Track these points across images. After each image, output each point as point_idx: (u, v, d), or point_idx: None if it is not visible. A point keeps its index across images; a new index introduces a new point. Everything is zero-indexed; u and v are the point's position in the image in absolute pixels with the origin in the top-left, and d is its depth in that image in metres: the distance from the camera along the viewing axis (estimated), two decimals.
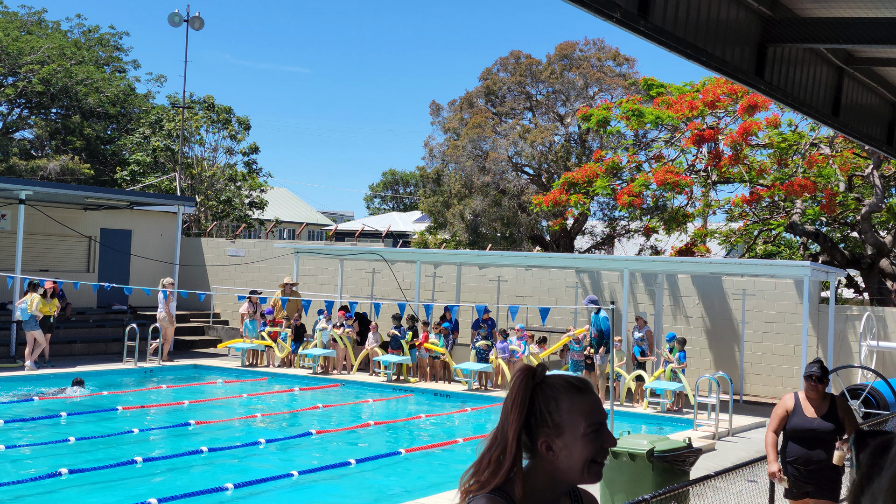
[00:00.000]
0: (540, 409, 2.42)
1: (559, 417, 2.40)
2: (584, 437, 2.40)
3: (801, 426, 7.59)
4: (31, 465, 11.78)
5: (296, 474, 11.46)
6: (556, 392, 2.43)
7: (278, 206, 53.29)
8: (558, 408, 2.41)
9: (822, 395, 7.63)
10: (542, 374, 2.45)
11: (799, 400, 7.69)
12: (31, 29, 43.35)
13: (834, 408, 7.58)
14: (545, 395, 2.43)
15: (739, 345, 20.18)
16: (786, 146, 23.05)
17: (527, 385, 2.42)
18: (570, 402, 2.41)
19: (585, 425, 2.40)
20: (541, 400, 2.42)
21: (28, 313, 19.74)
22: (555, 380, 2.46)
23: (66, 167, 39.16)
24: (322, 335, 21.19)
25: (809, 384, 7.61)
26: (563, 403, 2.41)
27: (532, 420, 2.42)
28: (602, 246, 34.54)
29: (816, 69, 9.34)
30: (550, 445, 2.41)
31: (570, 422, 2.40)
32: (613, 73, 34.47)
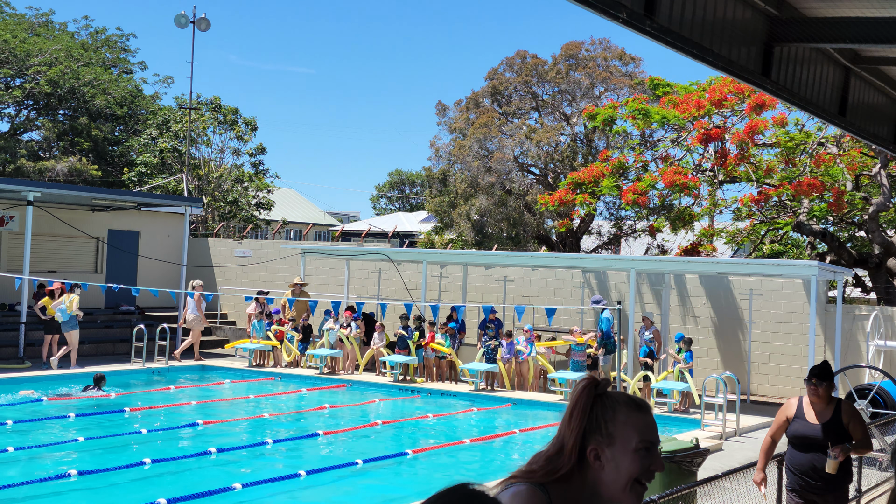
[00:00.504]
0: (597, 417, 2.46)
1: (613, 427, 2.45)
2: (635, 452, 2.43)
3: (801, 432, 7.19)
4: (41, 465, 11.81)
5: (303, 474, 11.48)
6: (616, 403, 2.48)
7: (285, 207, 53.36)
8: (615, 418, 2.45)
9: (825, 400, 7.17)
10: (605, 386, 2.52)
11: (802, 404, 7.26)
12: (38, 31, 43.46)
13: (838, 413, 7.13)
14: (604, 404, 2.48)
15: (746, 344, 20.15)
16: (793, 145, 23.03)
17: (589, 393, 2.49)
18: (626, 415, 2.46)
19: (638, 440, 2.43)
20: (599, 408, 2.48)
21: (68, 313, 20.15)
22: (617, 394, 2.52)
23: (74, 168, 39.26)
24: (329, 335, 21.23)
25: (810, 388, 7.18)
26: (619, 415, 2.46)
27: (587, 426, 2.47)
28: (608, 246, 34.50)
29: (823, 69, 9.33)
30: (599, 455, 2.44)
31: (624, 434, 2.44)
32: (619, 72, 34.45)
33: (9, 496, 10.28)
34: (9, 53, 39.10)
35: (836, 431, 7.04)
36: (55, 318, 20.40)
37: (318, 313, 23.10)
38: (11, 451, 12.27)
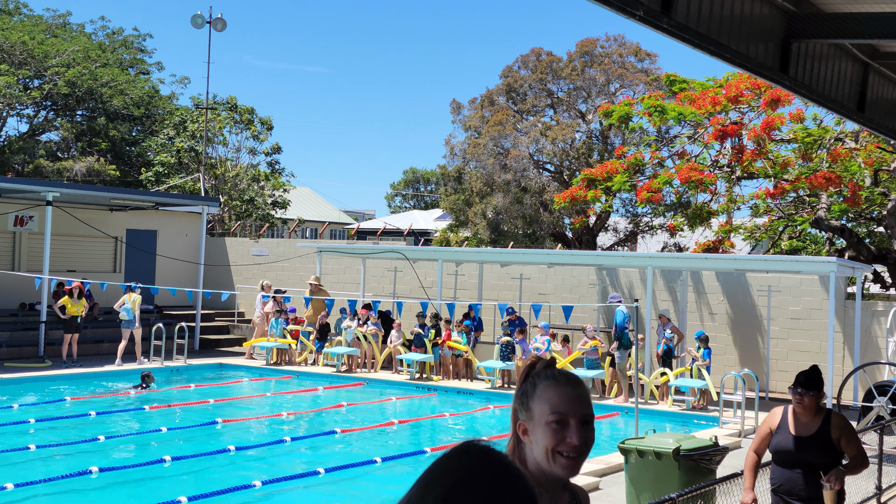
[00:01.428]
0: (524, 393, 2.50)
1: (531, 402, 2.47)
2: (547, 424, 2.43)
3: (783, 446, 6.30)
4: (62, 463, 11.90)
5: (322, 472, 11.53)
6: (538, 379, 2.48)
7: (301, 206, 53.50)
8: (534, 392, 2.47)
9: (812, 411, 6.28)
10: (542, 365, 2.53)
11: (787, 414, 6.40)
12: (56, 32, 43.70)
13: (827, 426, 6.23)
14: (531, 381, 2.50)
15: (765, 341, 20.08)
16: (810, 141, 22.90)
17: (525, 373, 2.53)
18: (543, 388, 2.46)
19: (549, 412, 2.43)
20: (528, 385, 2.50)
21: (132, 313, 21.03)
22: (547, 371, 2.51)
23: (92, 169, 39.48)
24: (346, 334, 21.29)
25: (795, 397, 6.31)
26: (538, 389, 2.46)
27: (516, 404, 2.52)
28: (625, 243, 34.42)
29: (841, 64, 9.29)
30: (526, 430, 2.48)
31: (539, 408, 2.45)
32: (635, 69, 34.35)
33: (31, 493, 10.37)
34: (27, 55, 39.34)
35: (823, 447, 6.20)
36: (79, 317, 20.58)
37: (334, 312, 23.15)
38: (33, 448, 12.37)
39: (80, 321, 20.75)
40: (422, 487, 1.75)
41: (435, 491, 1.72)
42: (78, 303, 20.63)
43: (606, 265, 21.74)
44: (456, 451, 1.82)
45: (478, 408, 17.48)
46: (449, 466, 1.78)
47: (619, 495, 10.31)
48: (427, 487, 1.74)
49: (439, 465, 1.79)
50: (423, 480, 1.76)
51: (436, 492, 1.72)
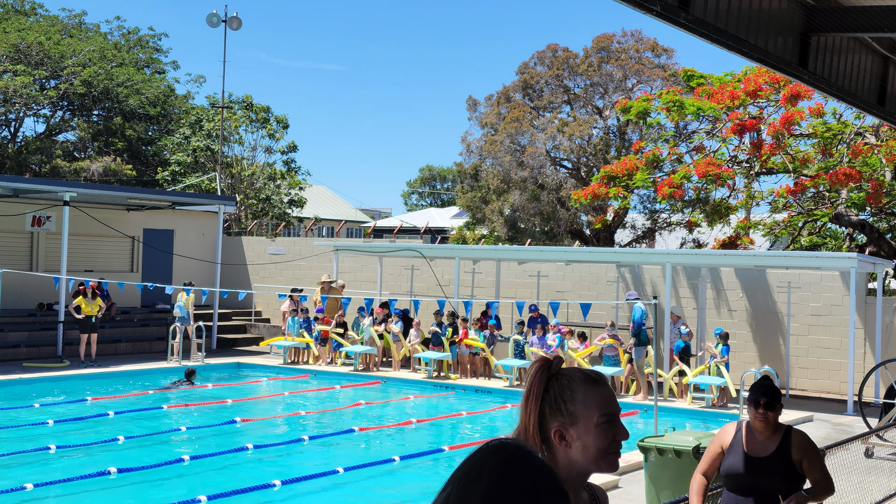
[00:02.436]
0: (554, 397, 2.46)
1: (573, 407, 2.44)
2: (598, 427, 2.43)
3: (735, 468, 5.43)
4: (81, 463, 11.93)
5: (341, 471, 11.51)
6: (572, 382, 2.47)
7: (317, 204, 53.57)
8: (573, 397, 2.45)
9: (771, 427, 5.42)
10: (557, 365, 2.51)
11: (741, 432, 5.51)
12: (71, 32, 43.91)
13: (786, 445, 5.37)
14: (560, 384, 2.47)
15: (785, 338, 19.94)
16: (830, 135, 22.72)
17: (542, 374, 2.49)
18: (584, 392, 2.45)
19: (598, 415, 2.44)
20: (556, 388, 2.46)
21: (185, 310, 21.90)
22: (570, 371, 2.51)
23: (109, 168, 39.64)
24: (363, 332, 21.28)
25: (756, 413, 5.40)
26: (577, 393, 2.45)
27: (546, 409, 2.47)
28: (643, 239, 34.27)
29: (861, 58, 9.19)
30: (563, 435, 2.45)
31: (585, 411, 2.44)
32: (652, 64, 34.19)
33: (50, 493, 10.40)
34: (43, 55, 39.54)
35: (781, 470, 5.34)
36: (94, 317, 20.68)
37: (351, 310, 23.14)
38: (53, 449, 12.41)
39: (95, 321, 20.81)
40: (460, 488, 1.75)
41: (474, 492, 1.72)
42: (92, 302, 20.71)
43: (625, 262, 21.64)
44: (490, 450, 1.81)
45: (496, 406, 17.43)
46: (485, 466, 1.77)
47: (638, 494, 10.24)
48: (465, 488, 1.74)
49: (475, 465, 1.78)
50: (460, 480, 1.76)
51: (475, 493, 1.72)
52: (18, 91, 37.82)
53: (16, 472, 11.30)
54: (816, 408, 17.44)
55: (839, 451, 9.16)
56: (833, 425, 15.84)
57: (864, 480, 10.64)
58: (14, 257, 23.69)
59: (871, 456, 12.34)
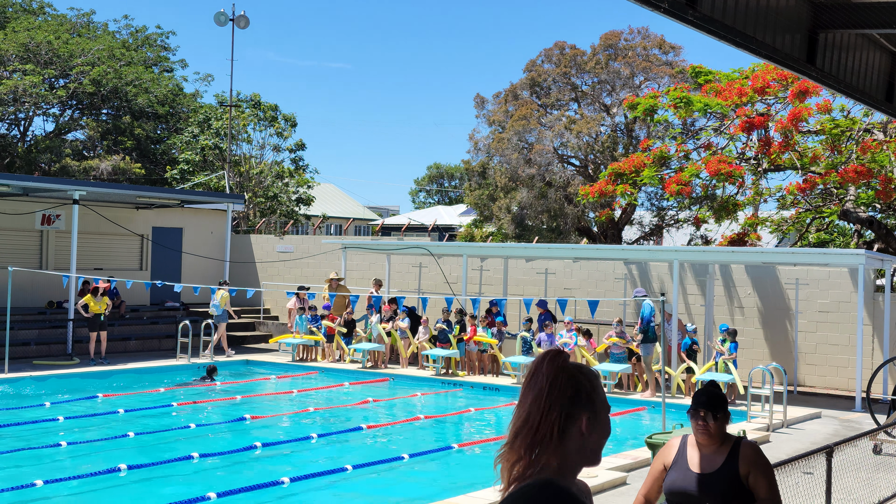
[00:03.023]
0: (579, 389, 2.53)
1: (594, 397, 2.55)
2: (606, 418, 2.58)
3: (679, 486, 4.90)
4: (91, 460, 11.99)
5: (350, 468, 11.55)
6: (593, 375, 2.58)
7: (325, 202, 53.64)
8: (594, 389, 2.55)
9: (717, 439, 4.90)
10: (567, 359, 2.59)
11: (685, 447, 5.01)
12: (80, 31, 44.04)
13: (734, 459, 4.83)
14: (586, 377, 2.56)
15: (793, 335, 19.92)
16: (838, 132, 22.67)
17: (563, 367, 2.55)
18: (599, 386, 2.59)
19: (608, 405, 2.60)
20: (584, 381, 2.55)
21: (221, 308, 22.39)
22: (582, 366, 2.60)
23: (118, 167, 39.76)
24: (371, 329, 21.32)
25: (696, 423, 4.89)
26: (596, 386, 2.57)
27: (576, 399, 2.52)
28: (651, 236, 34.25)
29: (869, 55, 9.19)
30: (589, 426, 2.52)
31: (601, 403, 2.57)
32: (660, 61, 34.15)
33: (60, 491, 10.45)
34: (52, 54, 39.67)
35: (729, 486, 4.79)
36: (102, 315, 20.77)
37: (359, 308, 23.20)
38: (64, 446, 12.48)
39: (103, 319, 20.89)
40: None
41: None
42: (100, 301, 20.79)
43: (632, 259, 21.64)
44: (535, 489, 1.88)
45: (504, 403, 17.45)
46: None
47: None
48: None
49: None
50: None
51: None
52: (28, 90, 37.95)
53: (26, 469, 11.37)
54: (824, 404, 17.42)
55: (847, 448, 9.17)
56: (841, 422, 15.83)
57: (872, 477, 10.65)
58: (24, 256, 23.80)
59: (880, 452, 12.33)
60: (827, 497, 8.40)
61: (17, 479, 10.62)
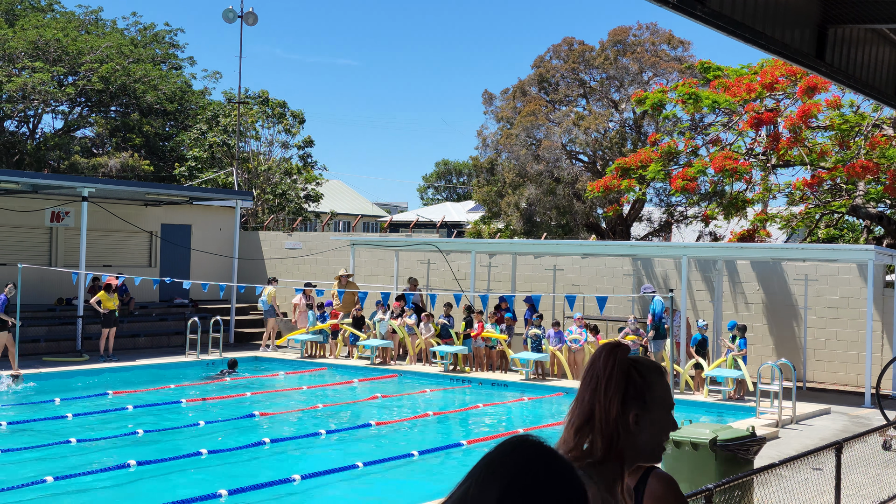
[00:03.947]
0: (635, 383, 2.52)
1: (652, 392, 2.53)
2: (667, 414, 2.56)
3: None
4: (100, 456, 12.04)
5: (361, 465, 11.56)
6: (650, 372, 2.56)
7: (333, 199, 53.67)
8: (649, 385, 2.53)
9: None
10: (624, 352, 2.57)
11: None
12: (88, 28, 44.12)
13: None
14: (640, 371, 2.54)
15: (802, 331, 19.87)
16: (847, 128, 22.60)
17: (620, 360, 2.54)
18: (656, 381, 2.56)
19: (671, 401, 2.57)
20: (637, 376, 2.53)
21: (268, 304, 23.11)
22: (643, 359, 2.59)
23: (127, 164, 39.84)
24: (380, 326, 21.34)
25: None
26: (652, 382, 2.54)
27: (626, 394, 2.51)
28: (659, 233, 34.18)
29: (879, 50, 9.15)
30: (639, 420, 2.50)
31: (662, 399, 2.55)
32: (668, 57, 34.06)
33: (69, 486, 10.49)
34: (61, 52, 39.75)
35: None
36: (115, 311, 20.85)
37: (368, 305, 23.20)
38: (74, 442, 12.52)
39: (115, 315, 20.99)
40: (478, 485, 1.76)
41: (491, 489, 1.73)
42: (112, 297, 20.88)
43: (641, 255, 21.61)
44: (510, 446, 1.82)
45: (512, 399, 17.46)
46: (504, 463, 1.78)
47: None
48: (483, 485, 1.75)
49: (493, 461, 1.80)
50: (478, 476, 1.77)
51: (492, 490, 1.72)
52: (37, 88, 38.04)
53: (37, 465, 11.41)
54: (833, 400, 17.38)
55: (857, 444, 9.15)
56: (850, 418, 15.79)
57: (881, 473, 10.62)
58: (33, 253, 23.88)
59: (890, 448, 12.30)
60: (836, 493, 8.38)
61: (27, 475, 10.67)
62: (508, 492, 1.72)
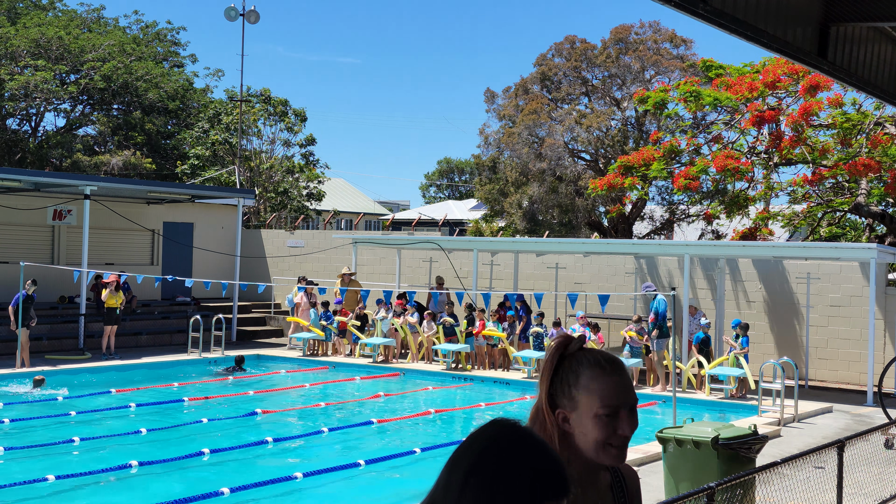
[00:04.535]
0: (562, 379, 2.36)
1: (576, 391, 2.33)
2: (596, 417, 2.30)
3: None
4: (102, 455, 12.04)
5: (363, 463, 11.57)
6: (579, 365, 2.35)
7: (335, 197, 53.67)
8: (577, 381, 2.33)
9: None
10: (575, 346, 2.39)
11: None
12: (90, 26, 44.14)
13: None
14: (570, 366, 2.36)
15: (804, 329, 19.86)
16: (849, 126, 22.58)
17: (554, 353, 2.39)
18: (589, 378, 2.32)
19: (599, 406, 2.30)
20: (565, 370, 2.36)
21: (293, 301, 23.44)
22: (583, 353, 2.38)
23: (129, 162, 39.86)
24: (382, 324, 21.35)
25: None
26: (582, 378, 2.33)
27: (553, 390, 2.37)
28: (661, 231, 34.17)
29: (881, 48, 9.14)
30: (567, 418, 2.34)
31: (586, 399, 2.32)
32: (670, 55, 34.04)
33: (72, 485, 10.50)
34: (63, 50, 39.76)
35: None
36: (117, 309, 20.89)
37: (370, 303, 23.21)
38: (77, 441, 12.53)
39: (118, 313, 21.01)
40: (451, 464, 1.80)
41: (462, 465, 1.77)
42: (116, 295, 20.90)
43: (643, 253, 21.60)
44: (482, 427, 1.86)
45: (514, 397, 17.46)
46: (475, 442, 1.82)
47: (657, 485, 10.25)
48: (455, 463, 1.79)
49: (466, 442, 1.84)
50: (452, 457, 1.81)
51: (462, 466, 1.76)
52: (39, 86, 38.06)
53: (38, 463, 11.42)
54: (836, 399, 17.37)
55: (859, 443, 9.14)
56: (852, 416, 15.79)
57: (884, 471, 10.61)
58: (36, 250, 23.89)
59: (892, 447, 12.30)
60: (838, 491, 8.38)
61: (29, 473, 10.68)
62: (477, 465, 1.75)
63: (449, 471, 1.79)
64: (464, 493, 1.74)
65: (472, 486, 1.74)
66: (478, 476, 1.74)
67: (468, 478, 1.75)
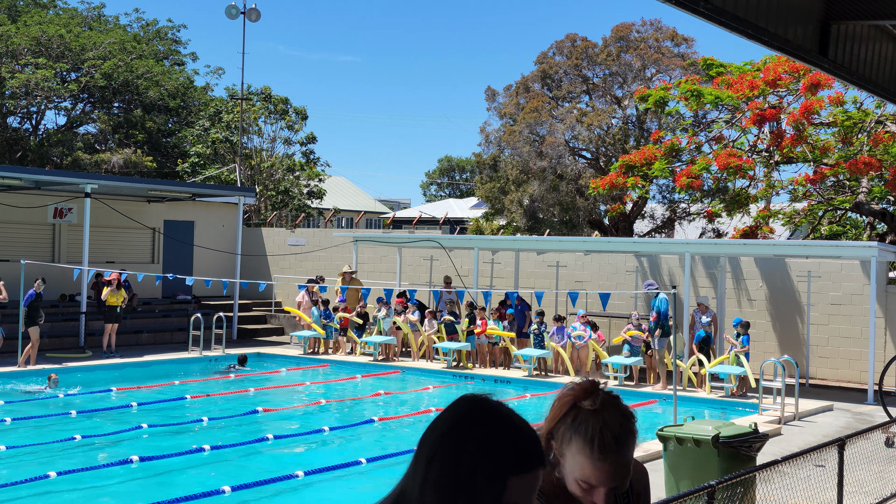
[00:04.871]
0: (560, 427, 2.37)
1: (566, 450, 2.35)
2: (577, 480, 2.33)
3: None
4: (103, 452, 12.05)
5: (364, 461, 11.57)
6: (575, 433, 2.33)
7: (336, 195, 53.67)
8: (569, 444, 2.34)
9: None
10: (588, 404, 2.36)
11: None
12: (91, 24, 44.14)
13: None
14: (572, 422, 2.35)
15: (805, 327, 19.86)
16: (850, 124, 22.56)
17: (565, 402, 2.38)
18: (577, 450, 2.33)
19: (579, 475, 2.32)
20: (567, 423, 2.35)
21: None
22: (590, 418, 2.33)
23: (129, 160, 39.86)
24: (383, 322, 21.35)
25: None
26: (573, 444, 2.34)
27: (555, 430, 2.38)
28: (662, 229, 34.16)
29: (882, 46, 9.13)
30: (559, 460, 2.38)
31: (570, 461, 2.34)
32: (671, 53, 34.02)
33: (73, 483, 10.51)
34: (64, 48, 39.76)
35: None
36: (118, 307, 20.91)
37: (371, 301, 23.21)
38: (79, 438, 12.54)
39: (119, 312, 21.03)
40: (418, 446, 1.84)
41: (426, 446, 1.81)
42: (117, 293, 20.92)
43: (644, 252, 21.59)
44: (449, 405, 1.88)
45: (515, 395, 17.46)
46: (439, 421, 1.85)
47: (657, 483, 10.25)
48: (421, 445, 1.82)
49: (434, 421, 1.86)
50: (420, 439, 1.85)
51: (427, 447, 1.80)
52: (40, 84, 38.06)
53: (40, 460, 11.43)
54: (836, 397, 17.37)
55: (860, 441, 9.15)
56: (853, 415, 15.79)
57: (885, 470, 10.62)
58: (36, 249, 23.90)
59: (892, 445, 12.30)
60: (839, 490, 8.39)
61: (31, 470, 10.68)
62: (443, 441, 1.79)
63: (416, 453, 1.83)
64: (428, 473, 1.75)
65: (435, 466, 1.76)
66: (440, 456, 1.76)
67: (431, 459, 1.77)
